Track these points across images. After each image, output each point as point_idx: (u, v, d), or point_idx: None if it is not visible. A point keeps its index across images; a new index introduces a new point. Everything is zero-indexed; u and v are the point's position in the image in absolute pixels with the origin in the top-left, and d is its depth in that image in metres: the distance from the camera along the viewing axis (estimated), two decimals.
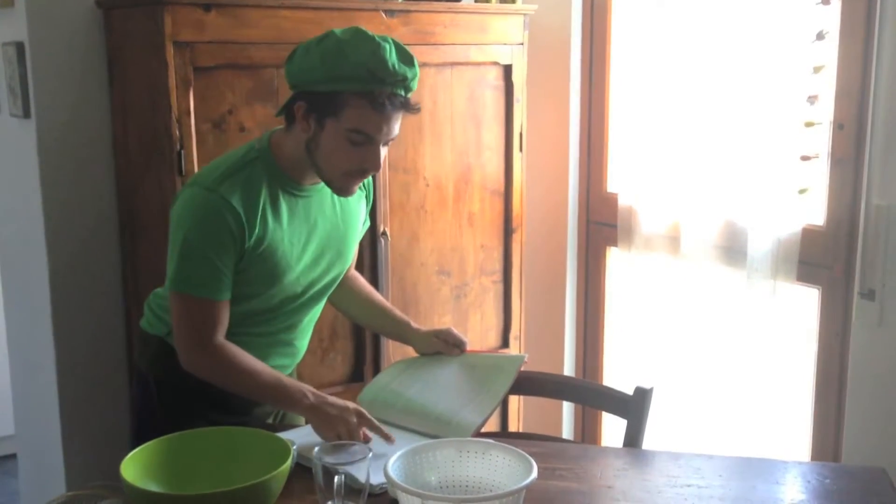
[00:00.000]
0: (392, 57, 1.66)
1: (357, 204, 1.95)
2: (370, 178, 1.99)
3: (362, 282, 2.13)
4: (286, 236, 1.77)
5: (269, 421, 1.95)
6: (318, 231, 1.83)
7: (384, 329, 2.19)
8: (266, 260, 1.75)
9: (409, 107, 1.72)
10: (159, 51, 2.13)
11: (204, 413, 1.80)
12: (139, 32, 2.24)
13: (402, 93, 1.70)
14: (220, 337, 1.76)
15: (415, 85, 1.72)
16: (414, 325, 2.07)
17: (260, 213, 1.73)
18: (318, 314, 1.97)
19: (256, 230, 1.72)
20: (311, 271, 1.84)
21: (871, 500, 1.58)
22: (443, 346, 2.02)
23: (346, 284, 2.07)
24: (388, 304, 2.14)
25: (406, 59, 1.69)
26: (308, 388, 1.75)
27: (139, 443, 1.54)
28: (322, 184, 1.81)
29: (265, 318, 1.84)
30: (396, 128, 1.72)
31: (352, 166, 1.71)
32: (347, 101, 1.65)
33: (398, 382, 1.95)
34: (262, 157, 1.77)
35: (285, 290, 1.81)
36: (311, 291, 1.87)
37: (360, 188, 1.96)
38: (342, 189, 1.77)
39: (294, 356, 1.97)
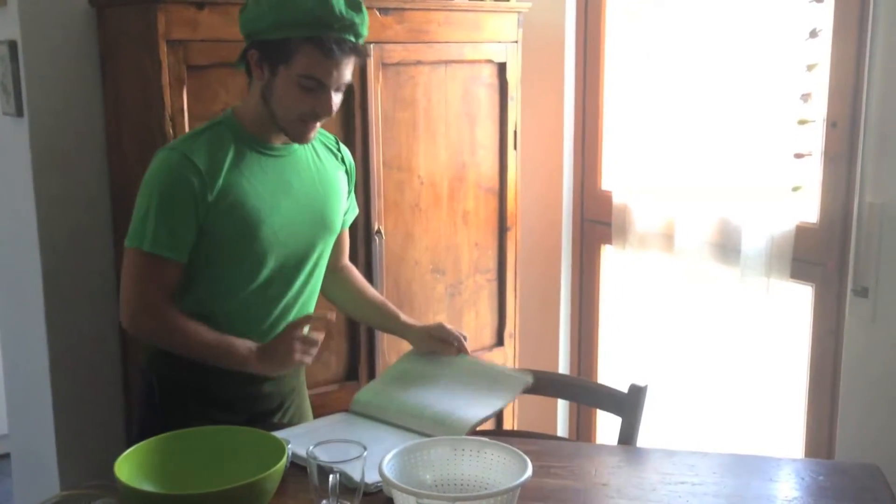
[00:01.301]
0: (339, 2, 1.70)
1: (334, 172, 1.96)
2: (347, 152, 2.02)
3: (356, 275, 2.13)
4: (254, 190, 1.78)
5: (275, 420, 1.94)
6: (293, 191, 1.84)
7: (377, 324, 2.20)
8: (236, 212, 1.75)
9: (358, 52, 1.75)
10: (153, 49, 2.13)
11: (205, 411, 1.80)
12: (132, 31, 2.24)
13: (352, 38, 1.73)
14: (166, 299, 1.77)
15: (364, 30, 1.76)
16: (403, 318, 2.05)
17: (224, 167, 1.75)
18: (311, 301, 1.95)
19: (220, 182, 1.74)
20: (289, 230, 1.83)
21: (864, 496, 1.59)
22: (439, 345, 2.00)
23: (340, 277, 2.07)
24: (380, 298, 2.13)
25: (353, 4, 1.72)
26: (252, 343, 1.77)
27: (141, 441, 1.54)
28: (295, 145, 1.85)
29: (257, 296, 1.83)
30: (348, 73, 1.76)
31: (304, 111, 1.75)
32: (297, 47, 1.70)
33: (395, 386, 1.94)
34: (227, 121, 1.83)
35: (266, 248, 1.79)
36: (295, 252, 1.85)
37: (339, 161, 1.98)
38: (298, 135, 1.80)
39: None
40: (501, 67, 2.71)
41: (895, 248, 2.09)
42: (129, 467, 1.46)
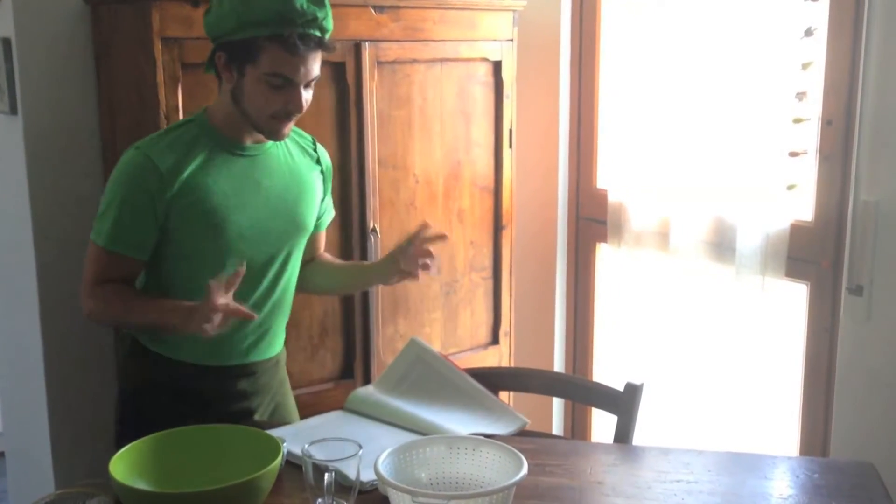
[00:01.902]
0: None
1: (309, 173, 1.95)
2: (324, 152, 2.02)
3: (325, 256, 2.13)
4: (220, 189, 1.78)
5: (256, 418, 1.94)
6: (263, 190, 1.84)
7: (352, 284, 2.16)
8: (198, 210, 1.76)
9: (324, 46, 1.75)
10: (147, 47, 2.12)
11: (179, 412, 1.80)
12: (127, 28, 2.23)
13: (317, 33, 1.73)
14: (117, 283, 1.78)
15: (329, 24, 1.76)
16: (365, 263, 2.06)
17: (188, 166, 1.76)
18: (283, 301, 1.94)
19: (180, 181, 1.74)
20: (258, 228, 1.82)
21: (858, 494, 1.59)
22: (409, 261, 1.88)
23: (313, 265, 2.07)
24: (343, 262, 2.12)
25: None
26: (188, 304, 1.71)
27: (121, 443, 1.53)
28: (267, 145, 1.86)
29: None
30: (315, 69, 1.76)
31: (276, 109, 1.75)
32: (262, 45, 1.70)
33: (392, 396, 1.93)
34: (197, 120, 1.84)
35: (232, 246, 1.79)
36: (264, 250, 1.85)
37: (314, 162, 1.98)
38: (273, 132, 1.80)
39: (269, 342, 1.93)
40: (497, 66, 2.71)
41: (890, 246, 2.09)
42: (123, 465, 1.45)
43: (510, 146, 2.76)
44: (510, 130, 2.76)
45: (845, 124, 2.19)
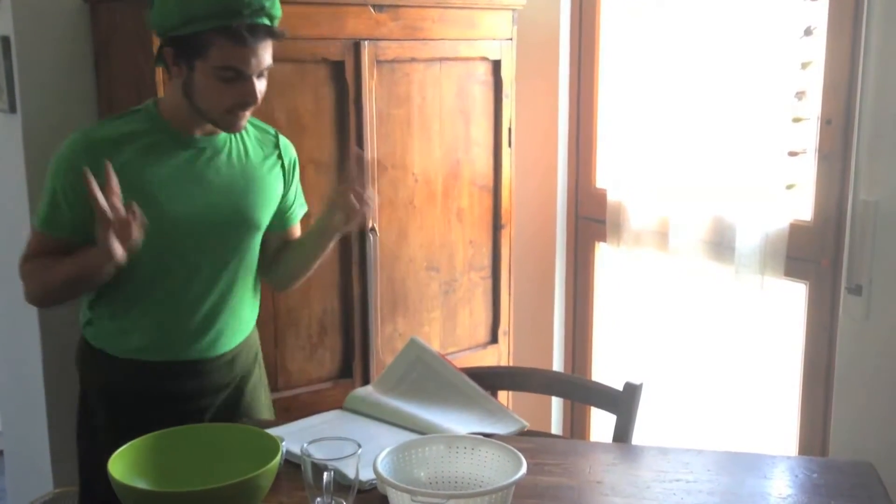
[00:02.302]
0: None
1: (264, 168, 1.90)
2: (287, 147, 1.98)
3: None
4: (157, 178, 1.75)
5: (207, 418, 1.90)
6: (207, 183, 1.81)
7: (314, 249, 2.00)
8: (132, 194, 1.69)
9: (273, 34, 1.72)
10: (146, 45, 2.12)
11: (126, 412, 1.79)
12: (125, 26, 2.23)
13: (265, 21, 1.69)
14: None
15: (277, 11, 1.71)
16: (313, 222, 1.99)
17: (126, 153, 1.73)
18: (231, 295, 1.88)
19: (118, 161, 1.70)
20: (197, 221, 1.79)
21: (858, 493, 1.59)
22: (345, 204, 1.83)
23: (284, 250, 2.03)
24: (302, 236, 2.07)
25: None
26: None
27: (80, 442, 1.52)
28: (219, 138, 1.83)
29: (173, 283, 1.77)
30: (267, 58, 1.72)
31: (231, 102, 1.72)
32: (210, 39, 1.66)
33: (391, 396, 1.93)
34: (146, 109, 1.82)
35: (169, 234, 1.76)
36: (205, 243, 1.81)
37: (276, 157, 1.93)
38: (229, 126, 1.77)
39: (215, 340, 1.88)
40: (496, 65, 2.70)
41: (889, 245, 2.09)
42: (122, 464, 1.45)
43: (509, 145, 2.76)
44: (509, 130, 2.76)
45: (844, 123, 2.19)
